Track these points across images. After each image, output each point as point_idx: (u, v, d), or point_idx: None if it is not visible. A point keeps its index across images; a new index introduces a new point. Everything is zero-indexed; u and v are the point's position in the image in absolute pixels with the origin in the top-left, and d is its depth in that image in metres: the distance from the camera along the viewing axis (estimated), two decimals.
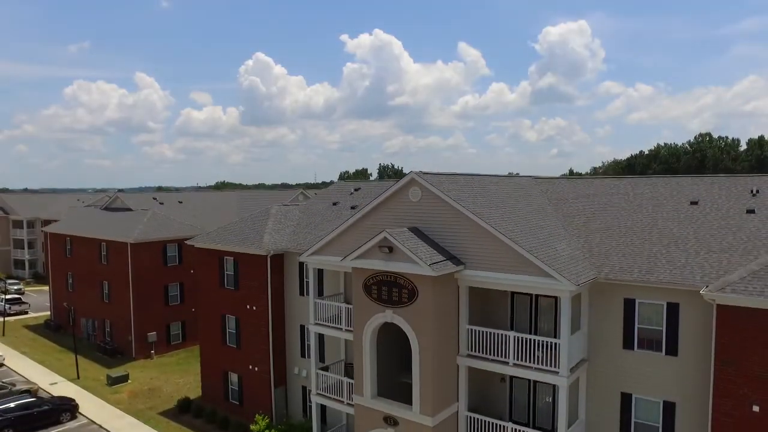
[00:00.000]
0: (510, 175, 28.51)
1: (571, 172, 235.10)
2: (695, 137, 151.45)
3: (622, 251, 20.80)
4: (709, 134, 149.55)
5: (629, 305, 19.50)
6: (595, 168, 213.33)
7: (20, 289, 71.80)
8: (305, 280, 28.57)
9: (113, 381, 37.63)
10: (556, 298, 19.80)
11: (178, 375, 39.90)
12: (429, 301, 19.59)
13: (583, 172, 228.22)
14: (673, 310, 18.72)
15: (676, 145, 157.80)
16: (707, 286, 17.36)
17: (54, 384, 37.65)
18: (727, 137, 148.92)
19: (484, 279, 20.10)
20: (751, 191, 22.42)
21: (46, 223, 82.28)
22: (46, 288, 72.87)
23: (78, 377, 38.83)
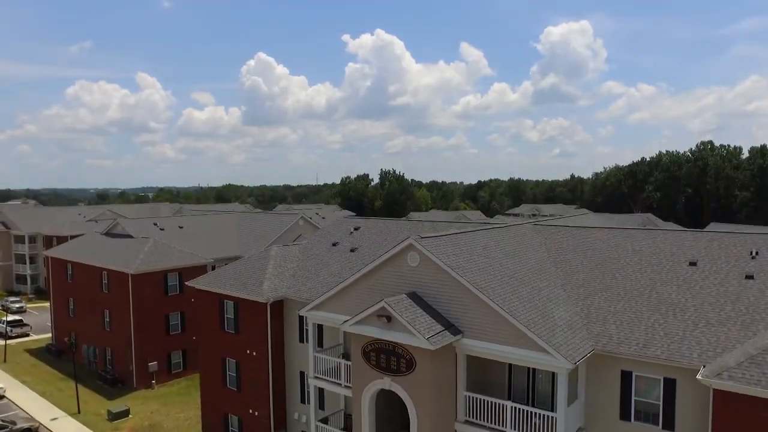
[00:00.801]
0: (510, 225, 28.46)
1: (572, 177, 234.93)
2: (697, 145, 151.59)
3: (620, 318, 20.83)
4: (710, 142, 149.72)
5: (626, 377, 19.53)
6: (597, 173, 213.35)
7: (22, 306, 71.94)
8: (305, 327, 28.62)
9: (114, 416, 37.72)
10: None
11: (179, 408, 39.99)
12: (427, 372, 19.64)
13: (585, 177, 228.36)
14: (670, 385, 18.75)
15: (678, 152, 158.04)
16: (704, 366, 17.41)
17: (55, 419, 37.78)
18: (728, 145, 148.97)
19: (481, 349, 20.13)
20: (751, 253, 22.42)
21: (48, 239, 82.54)
22: (48, 304, 73.14)
23: (79, 411, 38.94)
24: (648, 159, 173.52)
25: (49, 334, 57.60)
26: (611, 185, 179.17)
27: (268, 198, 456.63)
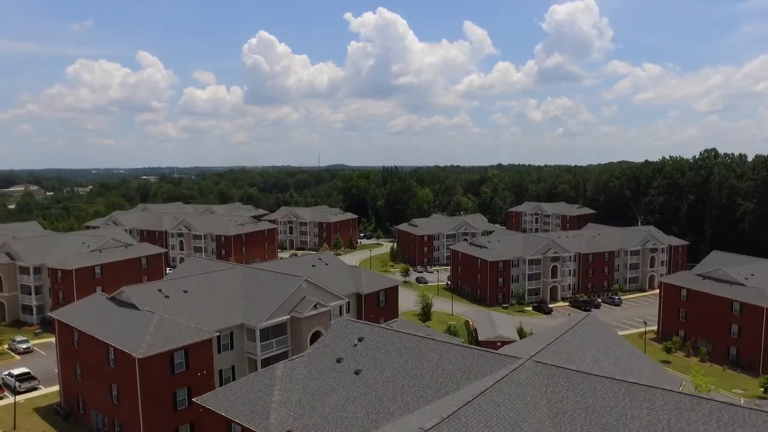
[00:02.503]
0: (512, 370, 28.68)
1: (574, 175, 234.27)
2: (701, 153, 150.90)
3: None
4: (714, 150, 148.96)
5: None
6: (600, 171, 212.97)
7: (29, 347, 72.75)
8: None
9: None
10: None
11: None
12: None
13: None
14: None
15: (682, 157, 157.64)
16: None
17: None
18: (732, 154, 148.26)
19: None
20: None
21: (53, 271, 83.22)
22: (53, 339, 74.37)
23: None
24: (652, 161, 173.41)
25: (57, 387, 58.38)
26: (615, 188, 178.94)
27: (270, 185, 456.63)
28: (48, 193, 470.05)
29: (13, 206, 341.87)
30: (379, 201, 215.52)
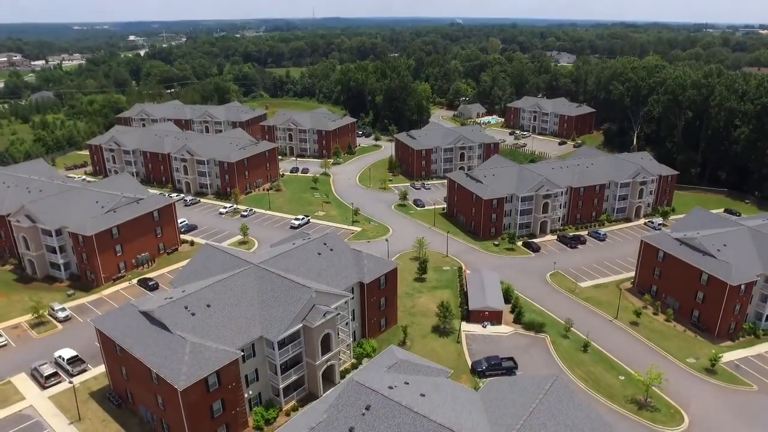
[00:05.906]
0: None
1: (577, 68, 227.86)
2: (704, 72, 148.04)
3: None
4: (719, 67, 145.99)
5: None
6: (603, 70, 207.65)
7: (68, 315, 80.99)
8: None
9: None
10: None
11: None
12: None
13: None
14: None
15: (685, 71, 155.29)
16: None
17: None
18: (736, 72, 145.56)
19: None
20: None
21: (74, 236, 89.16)
22: (91, 298, 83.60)
23: None
24: (655, 70, 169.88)
25: (103, 367, 67.33)
26: (616, 94, 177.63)
27: (264, 54, 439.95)
28: (33, 64, 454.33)
29: (1, 85, 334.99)
30: (377, 96, 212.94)
